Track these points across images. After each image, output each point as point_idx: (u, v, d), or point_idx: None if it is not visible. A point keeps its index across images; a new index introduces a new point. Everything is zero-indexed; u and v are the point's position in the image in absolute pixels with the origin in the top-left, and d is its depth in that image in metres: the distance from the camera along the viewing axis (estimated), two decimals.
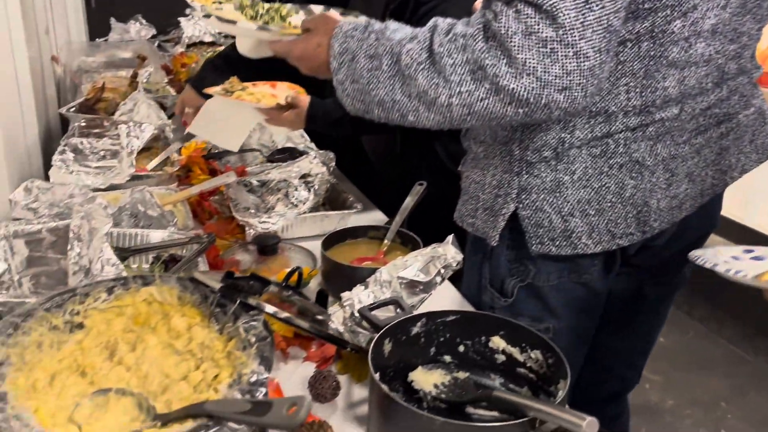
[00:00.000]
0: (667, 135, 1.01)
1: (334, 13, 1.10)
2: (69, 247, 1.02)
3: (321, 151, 1.79)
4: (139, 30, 3.52)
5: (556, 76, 0.80)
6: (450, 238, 1.05)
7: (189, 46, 3.49)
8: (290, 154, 1.82)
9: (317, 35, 1.02)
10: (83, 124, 1.98)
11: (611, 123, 0.98)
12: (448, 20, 0.90)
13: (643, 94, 0.97)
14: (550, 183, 1.01)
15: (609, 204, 1.01)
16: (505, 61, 0.81)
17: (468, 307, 1.18)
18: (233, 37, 2.87)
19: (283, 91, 1.50)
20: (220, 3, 1.21)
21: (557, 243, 1.03)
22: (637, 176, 1.00)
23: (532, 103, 0.82)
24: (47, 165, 2.11)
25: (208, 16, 1.13)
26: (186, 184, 1.70)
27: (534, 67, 0.80)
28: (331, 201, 1.55)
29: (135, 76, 2.26)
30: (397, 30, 0.94)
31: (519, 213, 1.04)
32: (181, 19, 3.62)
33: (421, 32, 0.90)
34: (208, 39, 3.52)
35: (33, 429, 0.61)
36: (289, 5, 1.25)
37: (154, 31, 3.71)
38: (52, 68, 2.61)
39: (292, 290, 1.02)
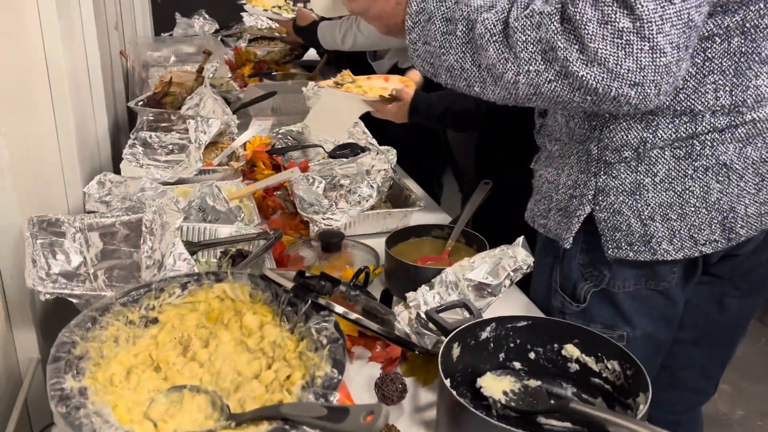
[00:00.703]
0: (759, 137, 0.95)
1: None
2: (142, 240, 1.04)
3: (383, 147, 1.78)
4: (202, 25, 3.58)
5: (628, 69, 0.77)
6: (520, 239, 1.02)
7: (251, 40, 3.55)
8: (352, 150, 1.81)
9: None
10: (151, 118, 2.03)
11: (697, 123, 0.93)
12: None
13: (733, 93, 0.92)
14: (629, 185, 0.97)
15: (692, 208, 0.96)
16: (577, 47, 0.79)
17: (535, 311, 1.15)
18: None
19: (394, 84, 1.55)
20: None
21: (635, 248, 0.99)
22: (724, 180, 0.95)
23: (600, 93, 0.80)
24: (116, 158, 2.18)
25: None
26: (251, 178, 1.72)
27: (606, 57, 0.77)
28: (392, 198, 1.54)
29: (201, 70, 2.29)
30: None
31: (595, 215, 1.01)
32: (243, 14, 3.67)
33: (500, 1, 0.87)
34: (269, 34, 3.56)
35: (113, 426, 0.62)
36: None
37: (216, 26, 3.77)
38: (121, 62, 2.68)
39: (359, 289, 1.01)
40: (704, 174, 0.95)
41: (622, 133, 0.96)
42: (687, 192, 0.96)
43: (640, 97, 0.79)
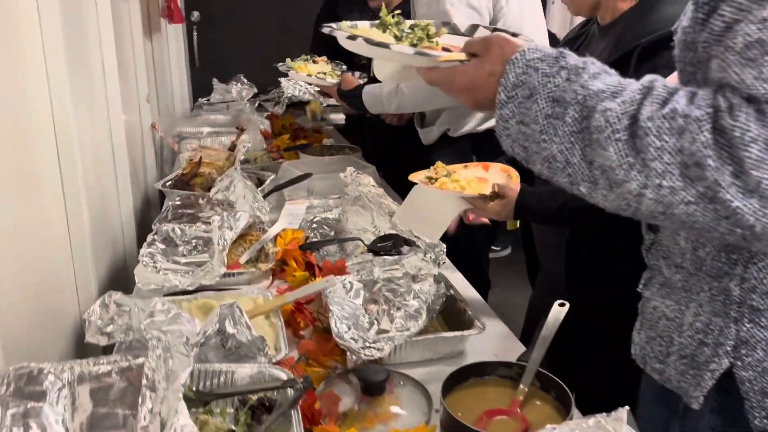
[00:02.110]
0: None
1: (506, 35, 0.86)
2: (140, 400, 0.84)
3: (430, 243, 1.57)
4: (240, 90, 3.49)
5: None
6: (624, 413, 0.78)
7: (289, 106, 3.43)
8: (394, 243, 1.61)
9: (490, 61, 0.81)
10: (178, 202, 1.87)
11: None
12: (669, 84, 0.71)
13: None
14: None
15: None
16: (731, 168, 0.64)
17: None
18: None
19: (495, 174, 1.38)
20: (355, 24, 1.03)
21: None
22: None
23: (757, 231, 0.65)
24: (141, 240, 2.01)
25: (353, 38, 0.94)
26: (281, 278, 1.53)
27: None
28: (444, 312, 1.31)
29: (233, 147, 2.15)
30: (598, 75, 0.74)
31: (736, 373, 0.80)
32: (282, 79, 3.57)
33: (629, 89, 0.71)
34: (307, 98, 3.44)
35: None
36: (433, 21, 1.03)
37: (255, 91, 3.68)
38: (152, 136, 2.57)
39: None
40: None
41: None
42: None
43: None
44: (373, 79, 2.74)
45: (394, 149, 2.60)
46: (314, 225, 1.72)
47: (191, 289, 1.37)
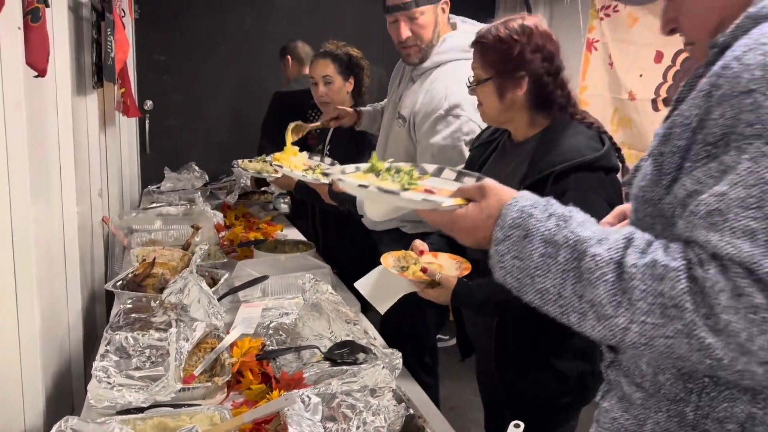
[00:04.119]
0: None
1: (494, 181, 1.00)
2: None
3: (386, 350, 1.60)
4: (190, 178, 3.51)
5: (760, 347, 0.73)
6: None
7: (241, 195, 3.46)
8: (351, 349, 1.63)
9: (488, 206, 0.94)
10: (129, 305, 1.85)
11: None
12: (646, 236, 0.83)
13: None
14: None
15: None
16: (704, 311, 0.75)
17: None
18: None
19: (446, 262, 1.66)
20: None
21: None
22: None
23: (725, 364, 0.76)
24: (88, 348, 1.95)
25: (364, 186, 1.05)
26: (237, 390, 1.52)
27: (738, 332, 0.74)
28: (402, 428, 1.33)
29: (187, 246, 2.15)
30: (583, 224, 0.87)
31: None
32: (234, 168, 3.62)
33: (612, 239, 0.83)
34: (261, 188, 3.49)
35: None
36: (409, 165, 1.19)
37: (206, 179, 3.71)
38: (102, 230, 2.55)
39: None
40: None
41: (726, 404, 0.86)
42: None
43: (766, 376, 0.75)
44: None
45: (345, 247, 2.64)
46: (270, 331, 1.73)
47: (146, 406, 1.35)
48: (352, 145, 2.63)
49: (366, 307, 2.00)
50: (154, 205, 3.01)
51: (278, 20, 4.20)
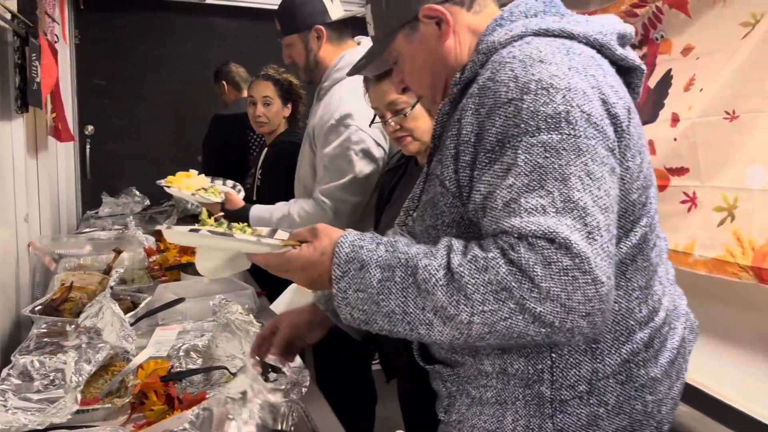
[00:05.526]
0: (667, 342, 1.07)
1: (324, 225, 1.06)
2: None
3: (295, 368, 1.63)
4: (128, 203, 3.50)
5: (579, 302, 0.83)
6: None
7: (179, 219, 3.46)
8: (261, 368, 1.65)
9: (321, 243, 1.00)
10: (44, 330, 1.85)
11: (632, 342, 1.01)
12: (461, 241, 0.93)
13: (649, 303, 1.04)
14: (586, 418, 1.00)
15: (639, 425, 1.03)
16: (527, 285, 0.84)
17: None
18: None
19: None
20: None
21: None
22: (653, 390, 1.04)
23: (557, 326, 0.84)
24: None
25: (195, 230, 1.03)
26: (140, 411, 1.52)
27: (558, 294, 0.83)
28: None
29: (108, 271, 2.15)
30: (409, 245, 0.95)
31: None
32: (173, 192, 3.62)
33: (436, 249, 0.92)
34: (199, 211, 3.49)
35: None
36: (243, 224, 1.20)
37: (147, 203, 3.70)
38: (29, 256, 2.52)
39: None
40: (642, 391, 1.03)
41: (574, 370, 0.99)
42: (634, 411, 1.03)
43: (591, 326, 0.85)
44: (260, 190, 2.86)
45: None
46: (181, 353, 1.74)
47: (41, 428, 1.35)
48: (283, 167, 2.67)
49: None
50: (87, 230, 2.99)
51: (219, 45, 4.24)
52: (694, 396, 2.50)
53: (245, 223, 1.20)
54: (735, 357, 2.42)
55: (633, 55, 1.09)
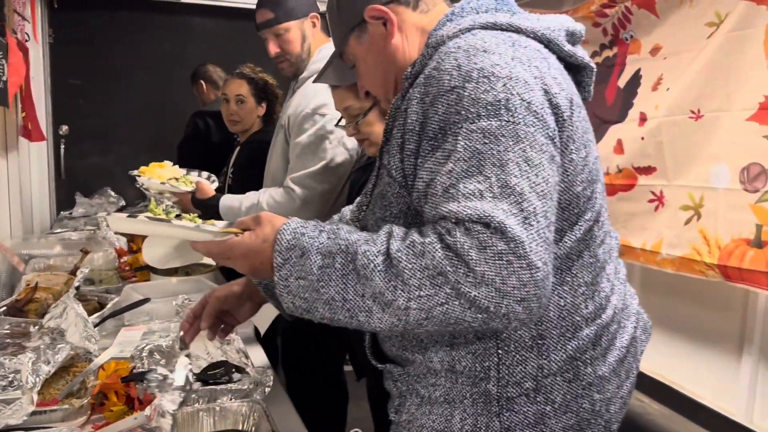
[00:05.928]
0: (615, 340, 1.07)
1: (268, 213, 1.04)
2: None
3: (259, 368, 1.62)
4: (103, 203, 3.47)
5: (513, 287, 0.82)
6: None
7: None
8: (225, 369, 1.65)
9: (263, 230, 0.99)
10: (6, 331, 1.83)
11: (578, 338, 1.01)
12: (402, 228, 0.92)
13: (595, 300, 1.03)
14: (532, 416, 1.00)
15: (586, 422, 1.03)
16: (463, 270, 0.83)
17: None
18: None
19: None
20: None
21: None
22: (601, 389, 1.04)
23: (492, 311, 0.83)
24: None
25: (133, 216, 1.00)
26: (101, 412, 1.51)
27: (492, 278, 0.82)
28: None
29: (74, 271, 2.13)
30: (351, 231, 0.94)
31: None
32: (147, 192, 3.59)
33: (376, 236, 0.91)
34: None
35: None
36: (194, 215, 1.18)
37: (122, 203, 3.67)
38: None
39: None
40: (589, 390, 1.03)
41: (520, 366, 0.99)
42: (581, 410, 1.02)
43: (527, 312, 0.83)
44: (231, 188, 2.84)
45: None
46: (145, 354, 1.72)
47: None
48: (255, 165, 2.66)
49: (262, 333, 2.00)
50: (59, 230, 2.96)
51: (197, 45, 4.22)
52: (662, 393, 2.53)
53: (195, 214, 1.17)
54: (701, 353, 2.45)
55: (582, 53, 1.10)
